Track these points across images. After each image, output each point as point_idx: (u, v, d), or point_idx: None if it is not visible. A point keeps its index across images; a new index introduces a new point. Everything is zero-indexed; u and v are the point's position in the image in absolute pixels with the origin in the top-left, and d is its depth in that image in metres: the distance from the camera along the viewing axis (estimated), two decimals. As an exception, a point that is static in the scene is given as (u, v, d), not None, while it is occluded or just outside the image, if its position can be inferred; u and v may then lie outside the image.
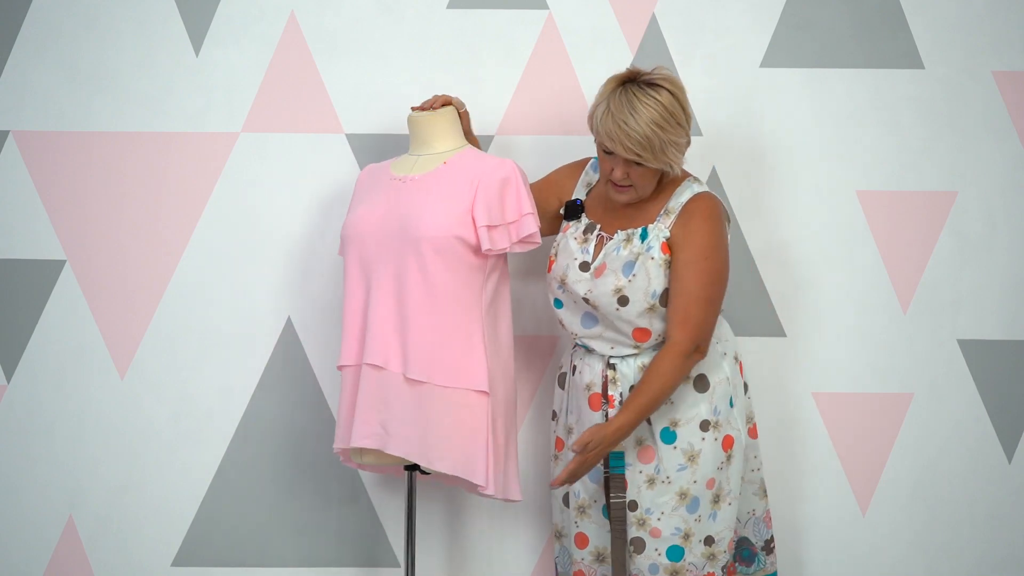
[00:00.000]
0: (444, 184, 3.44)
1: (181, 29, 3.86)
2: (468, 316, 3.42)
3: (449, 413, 3.38)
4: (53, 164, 3.86)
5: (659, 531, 3.37)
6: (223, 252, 3.85)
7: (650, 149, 3.29)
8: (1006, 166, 3.85)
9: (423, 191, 3.44)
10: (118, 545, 3.85)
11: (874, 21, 3.85)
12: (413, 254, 3.38)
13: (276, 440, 3.86)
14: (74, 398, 3.86)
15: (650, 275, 3.35)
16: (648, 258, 3.36)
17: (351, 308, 3.47)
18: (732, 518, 3.42)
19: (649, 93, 3.30)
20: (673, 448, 3.38)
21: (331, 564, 3.86)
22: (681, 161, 3.36)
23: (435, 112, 3.51)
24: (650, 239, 3.37)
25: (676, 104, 3.31)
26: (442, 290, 3.39)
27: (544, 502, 3.84)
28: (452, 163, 3.48)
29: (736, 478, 3.42)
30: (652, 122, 3.28)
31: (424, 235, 3.37)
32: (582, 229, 3.48)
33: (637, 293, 3.36)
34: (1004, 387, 3.85)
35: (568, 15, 3.85)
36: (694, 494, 3.37)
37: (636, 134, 3.28)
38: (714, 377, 3.41)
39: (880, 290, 3.85)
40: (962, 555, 3.85)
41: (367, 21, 3.86)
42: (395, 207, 3.44)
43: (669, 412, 3.39)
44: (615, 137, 3.30)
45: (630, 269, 3.37)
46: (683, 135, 3.33)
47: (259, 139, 3.86)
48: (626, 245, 3.39)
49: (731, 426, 3.41)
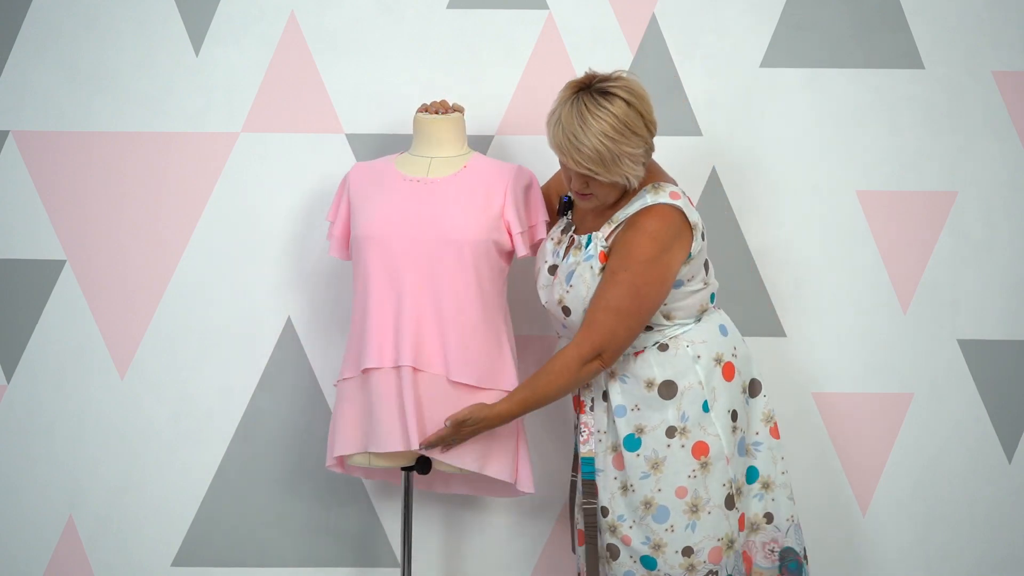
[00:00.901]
0: (471, 188, 3.45)
1: (181, 29, 3.86)
2: (497, 318, 3.45)
3: None
4: (53, 164, 3.86)
5: (629, 539, 3.31)
6: (223, 252, 3.85)
7: (601, 163, 3.18)
8: (1006, 166, 3.85)
9: (450, 194, 3.44)
10: (118, 545, 3.85)
11: (874, 21, 3.85)
12: (452, 257, 3.39)
13: (276, 440, 3.86)
14: (74, 398, 3.86)
15: (587, 284, 3.29)
16: (587, 267, 3.30)
17: (378, 310, 3.41)
18: (719, 527, 3.30)
19: (601, 104, 3.17)
20: (636, 455, 3.30)
21: (331, 564, 3.86)
22: (639, 171, 3.24)
23: (447, 116, 3.52)
24: (590, 248, 3.31)
25: (631, 113, 3.18)
26: (477, 292, 3.41)
27: (543, 502, 3.84)
28: (472, 167, 3.49)
29: (717, 486, 3.30)
30: (603, 134, 3.15)
31: (465, 238, 3.39)
32: (561, 228, 3.45)
33: (575, 302, 3.31)
34: (1004, 387, 3.85)
35: (568, 15, 3.85)
36: (660, 503, 3.28)
37: (587, 149, 3.16)
38: (682, 382, 3.30)
39: (880, 290, 3.85)
40: (962, 555, 3.85)
41: (367, 21, 3.86)
42: (419, 209, 3.43)
43: (635, 418, 3.31)
44: (566, 151, 3.19)
45: (570, 278, 3.32)
46: (639, 144, 3.20)
47: (259, 139, 3.86)
48: (576, 252, 3.34)
49: (705, 432, 3.30)
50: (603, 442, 3.35)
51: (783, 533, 3.40)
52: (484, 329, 3.42)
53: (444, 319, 3.39)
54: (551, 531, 3.85)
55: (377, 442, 3.37)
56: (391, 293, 3.41)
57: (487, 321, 3.43)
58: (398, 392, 3.37)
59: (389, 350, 3.39)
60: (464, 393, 3.38)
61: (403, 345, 3.38)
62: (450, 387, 3.39)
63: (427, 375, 3.38)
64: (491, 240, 3.42)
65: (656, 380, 3.31)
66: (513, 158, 3.81)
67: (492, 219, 3.42)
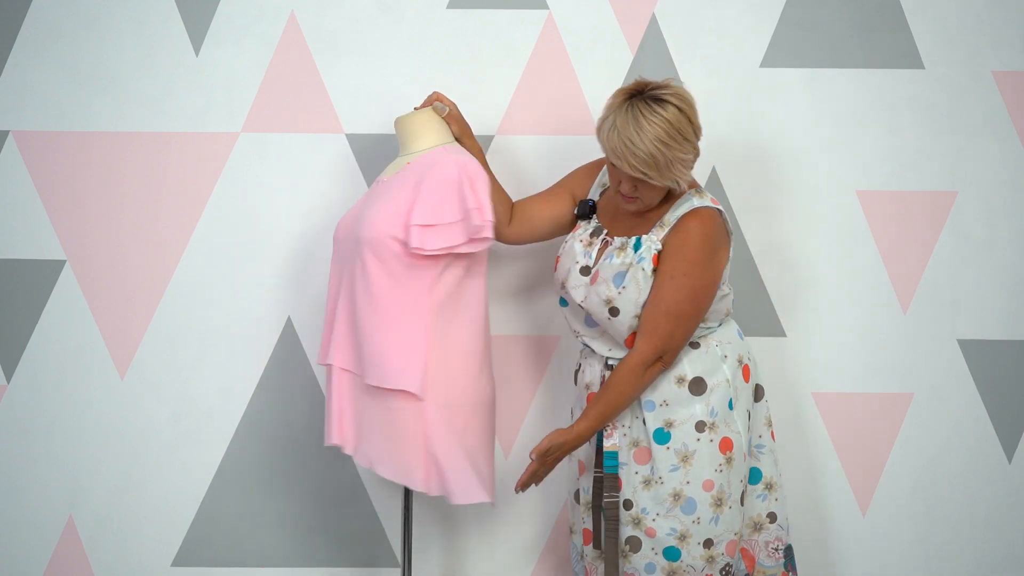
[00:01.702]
0: (399, 185, 3.44)
1: (181, 29, 3.86)
2: (408, 317, 3.38)
3: (386, 416, 3.39)
4: (53, 164, 3.86)
5: (654, 531, 3.37)
6: (223, 252, 3.85)
7: (655, 167, 3.27)
8: (1006, 166, 3.85)
9: (385, 193, 3.46)
10: (118, 545, 3.85)
11: (874, 21, 3.85)
12: (358, 256, 3.41)
13: (276, 440, 3.86)
14: (74, 398, 3.86)
15: (639, 286, 3.34)
16: (639, 269, 3.35)
17: (327, 309, 3.53)
18: (735, 522, 3.39)
19: (655, 110, 3.26)
20: (666, 448, 3.37)
21: (331, 564, 3.86)
22: (688, 176, 3.34)
23: (415, 112, 3.52)
24: (642, 250, 3.36)
25: (683, 120, 3.28)
26: (378, 291, 3.38)
27: (543, 502, 3.84)
28: (414, 163, 3.48)
29: (736, 482, 3.39)
30: (658, 140, 3.25)
31: (364, 236, 3.40)
32: (590, 231, 3.48)
33: (627, 304, 3.35)
34: (1004, 387, 3.85)
35: (568, 15, 3.85)
36: (688, 495, 3.35)
37: (642, 153, 3.25)
38: (712, 379, 3.39)
39: (880, 290, 3.85)
40: (962, 555, 3.85)
41: (367, 21, 3.86)
42: (362, 210, 3.48)
43: (664, 413, 3.38)
44: (621, 155, 3.28)
45: (620, 280, 3.36)
46: (690, 150, 3.31)
47: (259, 139, 3.86)
48: (619, 254, 3.38)
49: (730, 429, 3.39)
50: (627, 436, 3.39)
51: (786, 531, 3.48)
52: (387, 327, 3.37)
53: (353, 317, 3.42)
54: (551, 531, 3.86)
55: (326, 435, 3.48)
56: (334, 293, 3.51)
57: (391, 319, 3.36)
58: (328, 389, 3.47)
59: (325, 348, 3.50)
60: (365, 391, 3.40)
61: (332, 344, 3.45)
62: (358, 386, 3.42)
63: (346, 374, 3.43)
64: (389, 236, 3.36)
65: (687, 377, 3.38)
66: (513, 158, 3.81)
67: (397, 214, 3.38)
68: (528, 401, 3.85)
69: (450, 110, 3.53)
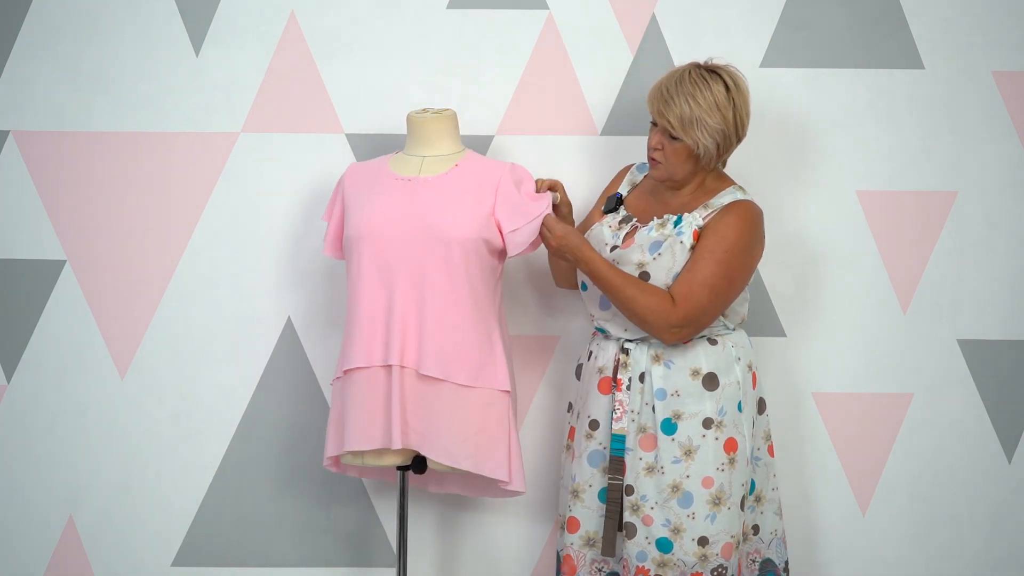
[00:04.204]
0: (462, 187, 3.45)
1: (181, 29, 3.86)
2: (489, 317, 3.45)
3: (476, 413, 3.40)
4: (53, 164, 3.86)
5: (651, 519, 3.38)
6: (223, 252, 3.86)
7: (680, 120, 3.34)
8: (1006, 166, 3.85)
9: (441, 193, 3.44)
10: (118, 545, 3.86)
11: (874, 21, 3.85)
12: (441, 256, 3.39)
13: (276, 440, 3.86)
14: (74, 398, 3.86)
15: (675, 257, 3.38)
16: (677, 242, 3.38)
17: (368, 310, 3.42)
18: (734, 525, 3.39)
19: (704, 77, 3.38)
20: (671, 440, 3.39)
21: (330, 564, 3.86)
22: (709, 145, 3.36)
23: (439, 114, 3.52)
24: (683, 225, 3.40)
25: (724, 95, 3.36)
26: (467, 291, 3.41)
27: (543, 501, 3.84)
28: (464, 166, 3.49)
29: (737, 485, 3.40)
30: (691, 96, 3.35)
31: (455, 237, 3.39)
32: (618, 220, 3.51)
33: (659, 272, 3.38)
34: (1004, 387, 3.85)
35: (568, 15, 3.85)
36: (687, 489, 3.37)
37: (674, 104, 3.35)
38: (724, 378, 3.41)
39: (880, 290, 3.85)
40: (962, 555, 3.85)
41: (367, 21, 3.86)
42: (412, 208, 3.43)
43: (674, 404, 3.39)
44: (654, 101, 3.38)
45: (656, 248, 3.39)
46: (719, 122, 3.36)
47: (259, 139, 3.86)
48: (659, 228, 3.42)
49: (736, 430, 3.40)
50: (635, 422, 3.41)
51: (766, 545, 3.51)
52: (474, 327, 3.42)
53: (433, 318, 3.39)
54: (550, 531, 3.86)
55: (357, 439, 3.39)
56: (382, 292, 3.42)
57: (478, 319, 3.43)
58: (386, 391, 3.39)
59: (379, 349, 3.40)
60: (448, 391, 3.39)
61: (393, 344, 3.38)
62: (438, 386, 3.39)
63: (415, 373, 3.39)
64: (481, 239, 3.41)
65: (702, 370, 3.41)
66: (513, 158, 3.81)
67: (483, 217, 3.42)
68: (528, 400, 3.85)
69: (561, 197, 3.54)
